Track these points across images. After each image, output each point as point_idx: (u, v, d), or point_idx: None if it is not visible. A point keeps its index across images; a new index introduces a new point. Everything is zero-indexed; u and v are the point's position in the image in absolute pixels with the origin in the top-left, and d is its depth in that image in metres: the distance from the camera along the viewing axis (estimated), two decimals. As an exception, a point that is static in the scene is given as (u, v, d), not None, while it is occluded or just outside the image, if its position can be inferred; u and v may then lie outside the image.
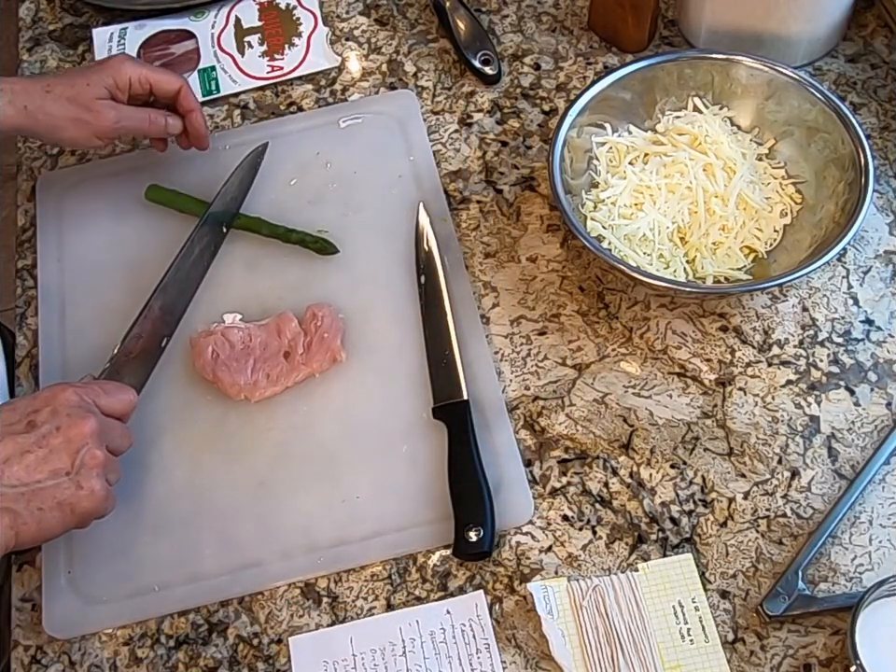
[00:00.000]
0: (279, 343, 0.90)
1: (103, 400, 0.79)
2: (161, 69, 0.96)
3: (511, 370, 0.89)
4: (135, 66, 0.93)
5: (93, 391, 0.79)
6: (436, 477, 0.84)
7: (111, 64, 0.92)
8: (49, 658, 0.80)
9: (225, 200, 0.97)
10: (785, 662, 0.76)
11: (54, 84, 0.91)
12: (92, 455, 0.74)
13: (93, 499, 0.74)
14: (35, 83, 0.91)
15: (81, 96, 0.90)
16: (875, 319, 0.90)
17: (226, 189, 0.97)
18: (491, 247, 0.96)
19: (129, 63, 0.92)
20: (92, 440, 0.75)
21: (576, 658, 0.76)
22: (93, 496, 0.74)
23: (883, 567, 0.79)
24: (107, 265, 0.97)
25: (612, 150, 0.96)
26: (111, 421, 0.79)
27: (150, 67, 0.94)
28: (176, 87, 0.94)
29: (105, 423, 0.78)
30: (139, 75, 0.92)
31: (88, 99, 0.91)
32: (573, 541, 0.82)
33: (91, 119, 0.91)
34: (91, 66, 0.94)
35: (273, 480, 0.85)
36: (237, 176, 0.98)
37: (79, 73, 0.92)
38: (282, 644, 0.79)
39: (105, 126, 0.91)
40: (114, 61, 0.93)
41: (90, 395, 0.78)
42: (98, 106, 0.91)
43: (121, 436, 0.80)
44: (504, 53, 1.09)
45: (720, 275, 0.90)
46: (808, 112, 0.93)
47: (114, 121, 0.91)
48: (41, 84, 0.91)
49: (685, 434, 0.86)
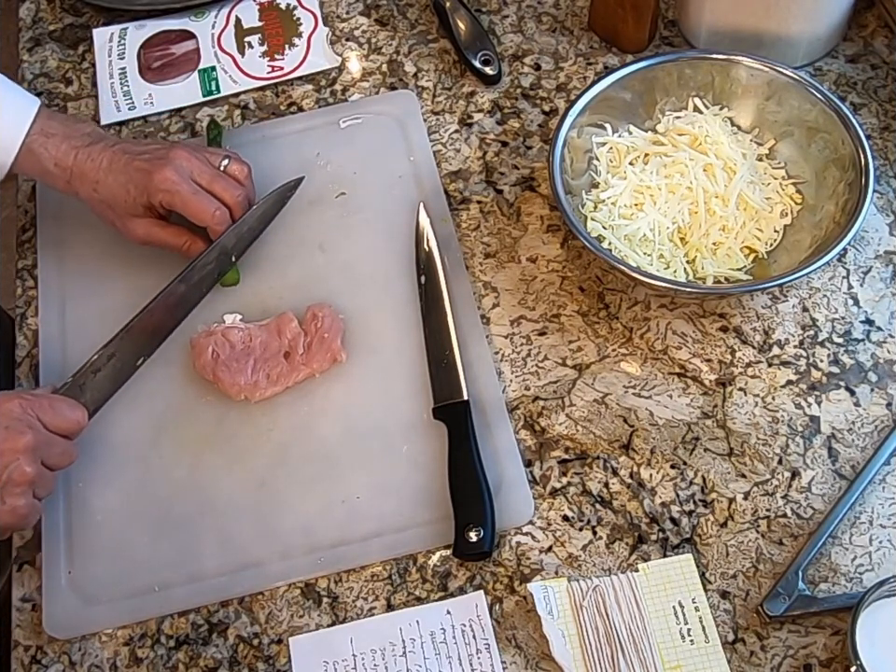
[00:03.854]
0: (279, 344, 0.90)
1: (47, 416, 0.78)
2: (201, 196, 0.89)
3: (512, 370, 0.89)
4: (170, 190, 0.88)
5: (40, 405, 0.78)
6: (436, 477, 0.84)
7: (153, 180, 0.88)
8: (49, 658, 0.80)
9: (241, 230, 0.93)
10: (785, 662, 0.76)
11: (101, 186, 0.90)
12: (21, 472, 0.74)
13: (14, 516, 0.75)
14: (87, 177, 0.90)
15: (118, 208, 0.91)
16: (876, 319, 0.90)
17: (244, 219, 0.92)
18: (491, 248, 0.96)
19: (167, 183, 0.88)
20: (25, 455, 0.75)
21: (576, 658, 0.76)
22: (14, 512, 0.75)
23: (883, 568, 0.79)
24: (107, 265, 0.97)
25: (612, 150, 0.96)
26: (52, 437, 0.78)
27: (189, 192, 0.89)
28: (205, 225, 0.90)
29: (46, 439, 0.77)
30: (170, 202, 0.89)
31: (123, 214, 0.91)
32: (573, 542, 0.82)
33: (120, 228, 0.93)
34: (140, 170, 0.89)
35: (273, 480, 0.85)
36: (260, 208, 0.94)
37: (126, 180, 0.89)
38: (282, 644, 0.79)
39: (132, 238, 0.93)
40: (157, 176, 0.88)
41: (34, 408, 0.78)
42: (130, 223, 0.92)
43: (61, 453, 0.79)
44: (504, 53, 1.09)
45: (720, 276, 0.90)
46: (809, 112, 0.93)
47: (141, 239, 0.93)
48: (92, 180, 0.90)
49: (685, 434, 0.86)
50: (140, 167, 0.89)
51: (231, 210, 0.91)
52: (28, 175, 0.95)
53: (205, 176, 0.90)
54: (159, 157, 0.90)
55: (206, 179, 0.90)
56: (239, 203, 0.91)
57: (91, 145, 0.91)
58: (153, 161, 0.90)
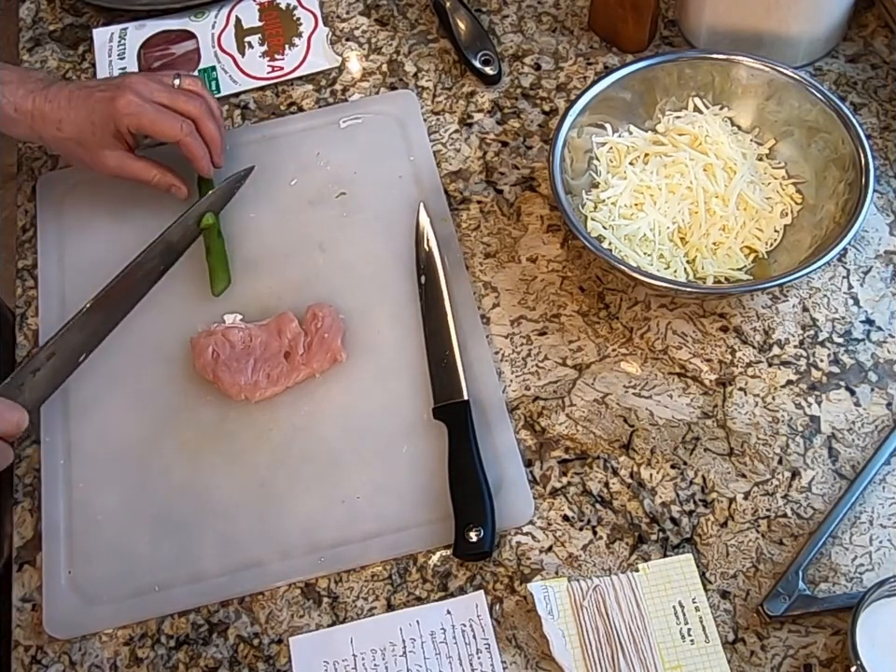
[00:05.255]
0: (280, 344, 0.90)
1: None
2: (165, 114, 0.92)
3: (512, 370, 0.89)
4: (134, 113, 0.90)
5: None
6: (436, 477, 0.84)
7: (116, 107, 0.90)
8: (49, 658, 0.80)
9: (186, 223, 0.95)
10: (785, 662, 0.76)
11: (65, 123, 0.92)
12: None
13: None
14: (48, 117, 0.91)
15: (87, 142, 0.93)
16: (876, 319, 0.90)
17: (189, 213, 0.94)
18: (491, 247, 0.96)
19: (131, 106, 0.90)
20: None
21: (576, 658, 0.76)
22: None
23: (883, 568, 0.79)
24: (107, 265, 0.96)
25: (613, 150, 0.96)
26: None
27: (153, 111, 0.91)
28: (176, 139, 0.92)
29: None
30: (137, 124, 0.91)
31: (93, 147, 0.93)
32: (573, 541, 0.82)
33: (91, 164, 0.95)
34: (101, 101, 0.91)
35: (273, 480, 0.85)
36: (207, 200, 0.96)
37: (88, 113, 0.91)
38: (282, 644, 0.79)
39: (104, 171, 0.94)
40: (119, 102, 0.90)
41: None
42: (101, 156, 0.93)
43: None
44: (504, 53, 1.09)
45: (720, 275, 0.90)
46: (809, 112, 0.93)
47: (113, 170, 0.94)
48: (54, 119, 0.92)
49: (685, 434, 0.86)
50: (101, 97, 0.92)
51: (196, 121, 0.93)
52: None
53: (164, 95, 0.93)
54: (115, 85, 0.92)
55: (166, 97, 0.93)
56: (202, 112, 0.94)
57: (47, 88, 0.93)
58: (111, 88, 0.92)
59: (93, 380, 0.91)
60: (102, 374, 0.91)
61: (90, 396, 0.90)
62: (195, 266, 0.96)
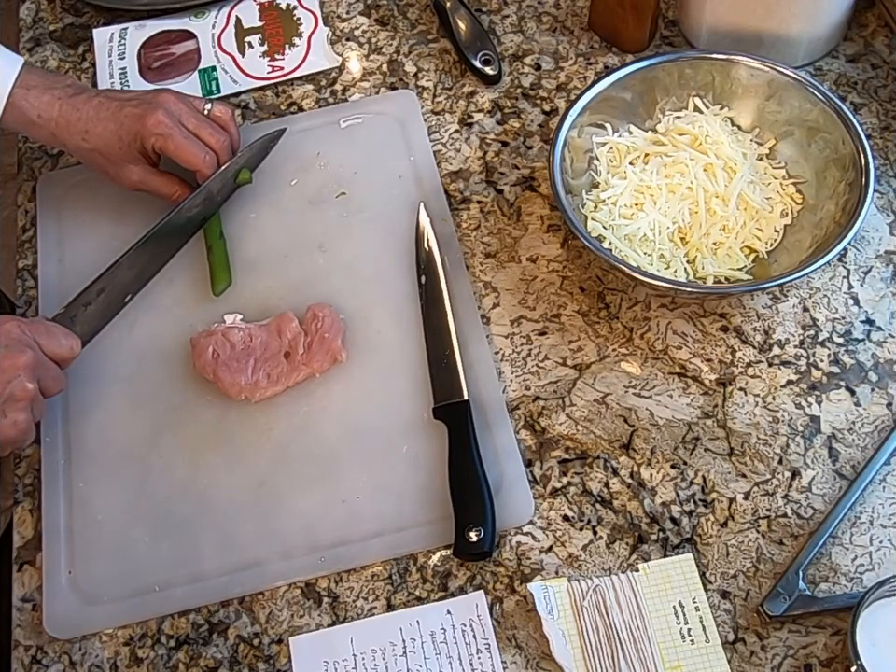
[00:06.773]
0: (280, 344, 0.90)
1: (44, 340, 0.80)
2: (191, 141, 0.91)
3: (512, 370, 0.89)
4: (163, 134, 0.90)
5: (37, 329, 0.80)
6: (436, 477, 0.84)
7: (145, 124, 0.90)
8: (49, 658, 0.80)
9: (225, 176, 0.95)
10: (785, 662, 0.76)
11: (91, 135, 0.92)
12: (23, 388, 0.76)
13: (15, 430, 0.77)
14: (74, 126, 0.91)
15: (112, 155, 0.93)
16: (876, 319, 0.90)
17: (229, 166, 0.95)
18: (491, 247, 0.96)
19: (161, 126, 0.90)
20: (26, 372, 0.77)
21: (576, 658, 0.76)
22: (16, 426, 0.77)
23: (883, 568, 0.79)
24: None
25: (613, 150, 0.96)
26: (48, 361, 0.80)
27: (180, 136, 0.91)
28: (195, 169, 0.93)
29: (42, 361, 0.79)
30: (163, 146, 0.91)
31: (118, 160, 0.93)
32: (573, 541, 0.82)
33: (114, 176, 0.95)
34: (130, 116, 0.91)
35: (273, 480, 0.85)
36: (244, 156, 0.96)
37: (117, 127, 0.91)
38: (282, 644, 0.79)
39: (126, 184, 0.95)
40: (149, 120, 0.90)
41: (32, 331, 0.80)
42: (125, 170, 0.94)
43: (55, 378, 0.81)
44: (504, 53, 1.09)
45: (720, 275, 0.90)
46: (809, 112, 0.93)
47: (136, 184, 0.94)
48: (80, 129, 0.92)
49: (686, 434, 0.86)
50: (131, 113, 0.91)
51: (217, 155, 0.93)
52: (14, 129, 0.96)
53: (192, 121, 0.93)
54: (147, 101, 0.92)
55: (193, 124, 0.93)
56: (224, 147, 0.94)
57: (75, 96, 0.92)
58: (143, 105, 0.91)
59: (94, 380, 0.91)
60: (102, 374, 0.91)
61: (90, 395, 0.90)
62: (195, 266, 0.96)
